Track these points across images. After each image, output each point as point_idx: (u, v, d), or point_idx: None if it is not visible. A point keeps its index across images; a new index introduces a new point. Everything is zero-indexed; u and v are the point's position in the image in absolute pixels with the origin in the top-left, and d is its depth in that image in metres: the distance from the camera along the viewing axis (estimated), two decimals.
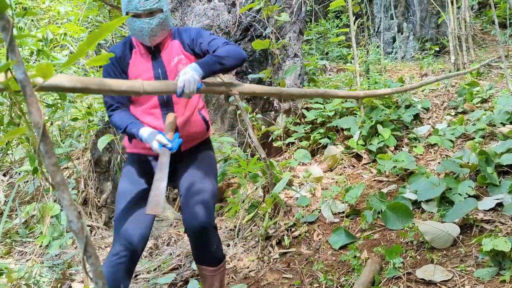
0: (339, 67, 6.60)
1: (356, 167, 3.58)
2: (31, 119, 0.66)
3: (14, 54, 0.65)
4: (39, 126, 0.66)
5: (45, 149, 0.66)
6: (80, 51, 0.81)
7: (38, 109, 0.66)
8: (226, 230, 3.21)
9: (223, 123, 3.76)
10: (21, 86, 0.66)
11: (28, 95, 0.66)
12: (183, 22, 3.85)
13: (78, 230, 0.66)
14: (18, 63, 0.65)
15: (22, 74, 0.66)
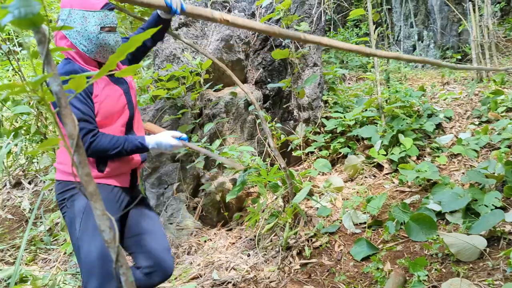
0: (359, 76, 6.57)
1: (377, 177, 3.54)
2: (66, 130, 0.67)
3: (50, 67, 0.67)
4: (73, 137, 0.67)
5: (79, 160, 0.67)
6: (110, 63, 0.82)
7: (73, 120, 0.68)
8: (246, 240, 3.20)
9: (242, 132, 3.76)
10: (57, 98, 0.67)
11: (63, 107, 0.67)
12: (203, 32, 3.89)
13: (110, 240, 0.67)
14: (54, 75, 0.66)
15: (57, 86, 0.67)
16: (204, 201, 3.54)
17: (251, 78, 4.03)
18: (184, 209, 3.50)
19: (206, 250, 3.24)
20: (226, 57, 3.74)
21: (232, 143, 3.67)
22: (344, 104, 4.40)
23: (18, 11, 0.60)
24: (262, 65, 4.04)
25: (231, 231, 3.51)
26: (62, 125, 1.65)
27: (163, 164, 3.56)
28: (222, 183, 3.52)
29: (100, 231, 0.67)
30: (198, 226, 3.49)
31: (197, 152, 2.86)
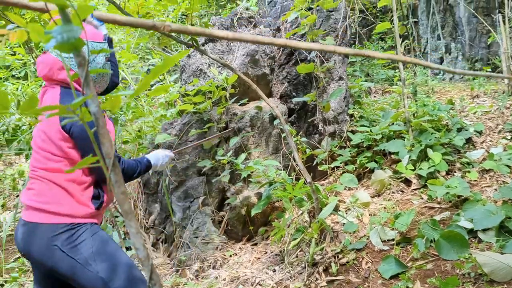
0: (385, 89, 6.50)
1: (405, 193, 3.47)
2: (103, 150, 0.69)
3: (89, 89, 0.69)
4: (110, 156, 0.69)
5: (115, 179, 0.69)
6: (145, 83, 0.84)
7: (110, 140, 0.69)
8: (271, 255, 3.18)
9: (267, 146, 3.77)
10: (95, 119, 0.69)
11: (101, 127, 0.69)
12: (229, 47, 3.94)
13: (144, 258, 0.68)
14: (93, 97, 0.68)
15: (96, 107, 0.69)
16: (230, 215, 3.54)
17: (276, 92, 4.05)
18: (210, 223, 3.51)
19: (231, 264, 3.23)
20: (251, 72, 3.77)
21: (257, 157, 3.67)
22: (370, 118, 4.35)
23: (61, 36, 0.62)
24: (287, 79, 4.05)
25: (257, 245, 3.49)
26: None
27: (189, 177, 3.59)
28: (247, 197, 3.52)
29: (135, 249, 0.68)
30: (224, 240, 3.49)
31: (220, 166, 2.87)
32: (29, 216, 1.69)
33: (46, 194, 1.69)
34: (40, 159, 1.71)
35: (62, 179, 1.70)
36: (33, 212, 1.68)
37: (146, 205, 3.95)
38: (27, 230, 1.68)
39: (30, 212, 1.69)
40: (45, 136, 1.70)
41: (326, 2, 3.69)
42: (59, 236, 1.65)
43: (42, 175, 1.70)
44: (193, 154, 3.59)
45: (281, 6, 4.52)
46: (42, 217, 1.67)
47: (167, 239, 3.75)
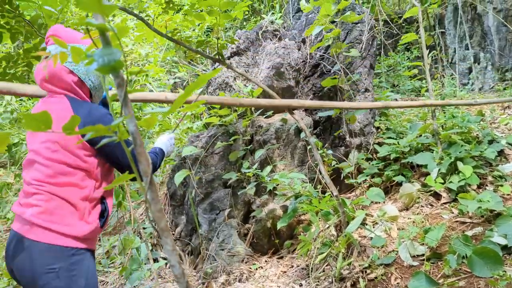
0: (411, 100, 6.40)
1: (435, 207, 3.39)
2: (141, 168, 0.71)
3: (128, 109, 0.71)
4: (147, 174, 0.70)
5: (151, 197, 0.70)
6: (180, 100, 0.86)
7: (147, 159, 0.71)
8: (298, 269, 3.15)
9: (293, 159, 3.76)
10: (133, 138, 0.71)
11: (138, 146, 0.71)
12: (254, 61, 3.98)
13: (179, 275, 0.68)
14: (131, 117, 0.70)
15: (133, 126, 0.71)
16: (255, 227, 3.54)
17: None
18: (235, 235, 3.52)
19: (257, 278, 3.22)
20: (276, 84, 3.79)
21: (282, 169, 3.67)
22: (397, 130, 4.29)
23: (102, 59, 0.65)
24: (313, 91, 4.05)
25: (282, 259, 3.47)
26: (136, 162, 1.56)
27: (215, 190, 3.61)
28: (273, 210, 3.51)
29: (171, 266, 0.69)
30: (249, 253, 3.49)
31: None
32: (30, 232, 1.55)
33: (55, 212, 1.58)
34: (49, 173, 1.60)
35: (74, 196, 1.61)
36: (37, 229, 1.56)
37: (172, 217, 3.99)
38: (26, 246, 1.54)
39: (32, 229, 1.56)
40: (58, 146, 1.61)
41: (350, 16, 3.68)
42: (60, 259, 1.55)
43: (51, 190, 1.59)
44: (219, 167, 3.61)
45: (306, 19, 4.54)
46: (46, 236, 1.55)
47: (193, 251, 3.77)
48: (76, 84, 1.70)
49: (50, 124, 0.70)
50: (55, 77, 1.66)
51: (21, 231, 1.56)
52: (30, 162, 1.66)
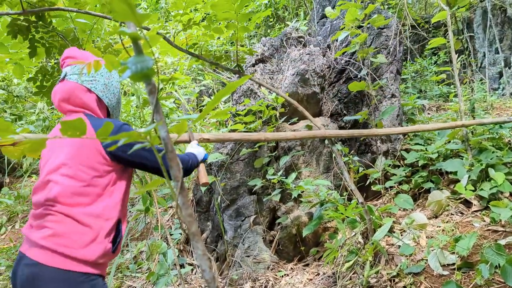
0: (440, 106, 6.28)
1: (465, 215, 3.30)
2: (172, 173, 0.72)
3: (159, 115, 0.73)
4: (178, 179, 0.71)
5: (182, 201, 0.72)
6: (208, 108, 0.88)
7: (178, 164, 0.72)
8: (324, 277, 3.12)
9: (318, 165, 3.74)
10: (164, 143, 0.73)
11: (169, 151, 0.72)
12: (279, 67, 3.99)
13: (210, 280, 0.69)
14: (162, 123, 0.72)
15: (165, 132, 0.73)
16: (281, 234, 3.53)
17: (326, 110, 4.03)
18: (261, 242, 3.51)
19: (283, 285, 3.20)
20: (301, 91, 3.78)
21: (307, 176, 3.65)
22: (425, 136, 4.21)
23: (135, 66, 0.67)
24: (338, 97, 4.02)
25: (308, 266, 3.44)
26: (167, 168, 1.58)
27: (240, 196, 3.63)
28: (298, 217, 3.49)
29: (201, 271, 0.70)
30: (275, 260, 3.48)
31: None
32: (40, 256, 1.46)
33: (66, 235, 1.49)
34: (64, 192, 1.53)
35: (88, 216, 1.54)
36: (46, 252, 1.46)
37: (198, 223, 4.02)
38: (36, 272, 1.45)
39: (42, 252, 1.47)
40: (77, 163, 1.56)
41: (377, 20, 3.65)
42: (70, 285, 1.46)
43: (64, 211, 1.51)
44: (244, 173, 3.63)
45: (330, 25, 4.53)
46: (56, 260, 1.46)
47: (219, 258, 3.78)
48: (95, 102, 1.70)
49: (85, 130, 0.73)
50: (73, 96, 1.65)
51: (30, 253, 1.48)
52: (44, 183, 1.59)
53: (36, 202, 1.57)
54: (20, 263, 1.51)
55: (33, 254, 1.47)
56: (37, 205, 1.57)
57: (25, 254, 1.49)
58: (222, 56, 3.11)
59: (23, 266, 1.48)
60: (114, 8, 0.60)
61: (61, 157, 1.57)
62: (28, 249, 1.50)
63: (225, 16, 2.73)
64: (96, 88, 1.70)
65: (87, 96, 1.67)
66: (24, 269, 1.47)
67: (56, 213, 1.51)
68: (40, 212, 1.53)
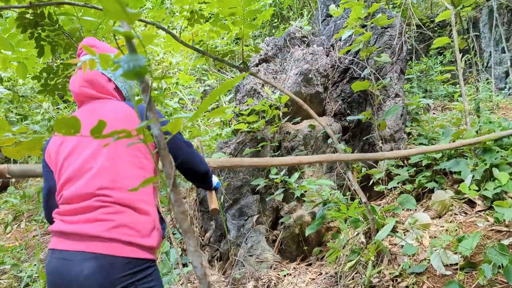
0: (445, 105, 6.25)
1: (469, 215, 3.28)
2: (164, 170, 0.73)
3: (152, 113, 0.73)
4: (170, 177, 0.72)
5: (175, 198, 0.72)
6: (204, 106, 0.88)
7: (170, 162, 0.73)
8: (326, 276, 3.12)
9: (321, 165, 3.73)
10: (157, 141, 0.73)
11: (162, 149, 0.73)
12: (282, 67, 3.99)
13: (201, 276, 0.70)
14: (155, 121, 0.73)
15: (157, 130, 0.73)
16: (283, 234, 3.53)
17: (330, 110, 4.02)
18: (264, 241, 3.52)
19: (285, 284, 3.20)
20: (304, 91, 3.78)
21: (310, 175, 3.65)
22: (429, 136, 4.19)
23: (127, 65, 0.68)
24: (341, 97, 4.02)
25: (311, 266, 3.44)
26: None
27: (244, 196, 3.63)
28: (301, 216, 3.49)
29: (193, 267, 0.70)
30: (278, 259, 3.48)
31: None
32: (106, 248, 1.41)
33: (132, 225, 1.46)
34: (116, 178, 1.49)
35: (145, 202, 1.52)
36: (114, 243, 1.42)
37: (202, 223, 4.04)
38: (106, 263, 1.39)
39: (108, 244, 1.42)
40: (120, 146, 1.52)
41: (381, 19, 3.64)
42: (138, 273, 1.45)
43: (119, 200, 1.47)
44: (247, 173, 3.63)
45: (334, 24, 4.53)
46: (128, 250, 1.43)
47: (222, 257, 3.79)
48: (115, 91, 1.70)
49: (79, 128, 0.74)
50: (96, 83, 1.64)
51: (90, 248, 1.40)
52: (82, 172, 1.50)
53: (76, 192, 1.48)
54: (72, 260, 1.41)
55: (94, 248, 1.40)
56: (76, 196, 1.47)
57: (77, 250, 1.41)
58: (227, 53, 3.11)
59: (81, 262, 1.40)
60: (105, 7, 0.60)
61: (99, 140, 1.48)
62: (79, 244, 1.41)
63: (231, 12, 2.74)
64: (116, 78, 1.70)
65: (109, 85, 1.67)
66: (85, 263, 1.39)
67: (111, 204, 1.45)
68: (88, 204, 1.45)
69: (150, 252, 1.49)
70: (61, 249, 1.44)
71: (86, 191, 1.46)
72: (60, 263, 1.42)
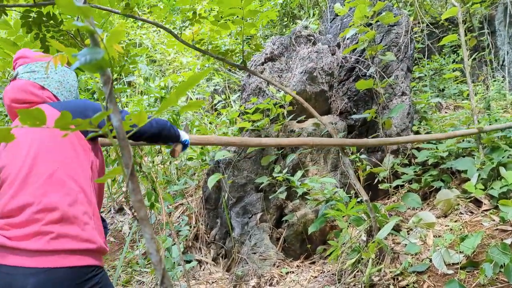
0: (457, 104, 6.15)
1: (475, 214, 3.23)
2: (123, 160, 0.75)
3: (112, 104, 0.76)
4: (128, 167, 0.75)
5: (132, 187, 0.75)
6: (170, 100, 0.90)
7: (129, 152, 0.76)
8: (328, 274, 3.12)
9: (326, 163, 3.73)
10: (116, 132, 0.76)
11: (121, 139, 0.76)
12: (288, 66, 4.00)
13: (156, 262, 0.72)
14: (114, 112, 0.75)
15: (117, 122, 0.76)
16: (287, 232, 3.54)
17: (335, 108, 4.01)
18: (267, 239, 3.53)
19: (288, 282, 3.21)
20: (309, 89, 3.78)
21: (315, 174, 3.65)
22: None
23: (84, 58, 0.70)
24: (347, 95, 4.00)
25: (314, 264, 3.45)
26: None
27: (247, 193, 3.65)
28: (305, 215, 3.50)
29: (148, 253, 0.73)
30: (281, 257, 3.49)
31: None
32: (43, 261, 1.34)
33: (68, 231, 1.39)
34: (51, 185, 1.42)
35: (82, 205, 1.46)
36: (50, 256, 1.35)
37: (207, 220, 4.08)
38: (45, 279, 1.32)
39: (45, 258, 1.35)
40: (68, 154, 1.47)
41: (386, 17, 3.62)
42: (84, 283, 1.39)
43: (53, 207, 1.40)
44: (251, 171, 3.65)
45: (341, 23, 4.51)
46: (66, 260, 1.36)
47: (227, 254, 3.82)
48: (50, 99, 1.62)
49: (45, 119, 0.77)
50: (27, 93, 1.56)
51: (27, 262, 1.34)
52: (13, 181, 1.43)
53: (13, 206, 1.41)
54: (15, 275, 1.35)
55: (36, 262, 1.35)
56: (12, 209, 1.41)
57: (19, 265, 1.35)
58: (227, 52, 3.14)
59: (25, 277, 1.34)
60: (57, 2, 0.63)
61: (35, 144, 1.45)
62: (21, 259, 1.35)
63: (231, 12, 2.76)
64: (50, 85, 1.63)
65: (41, 93, 1.59)
66: (29, 279, 1.34)
67: (50, 213, 1.40)
68: (27, 219, 1.38)
69: (94, 258, 1.44)
70: (3, 264, 1.36)
71: (22, 201, 1.40)
72: (3, 277, 1.35)
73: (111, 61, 0.85)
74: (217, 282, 3.54)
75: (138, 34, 7.04)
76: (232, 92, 5.64)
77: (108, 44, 0.85)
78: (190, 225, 4.04)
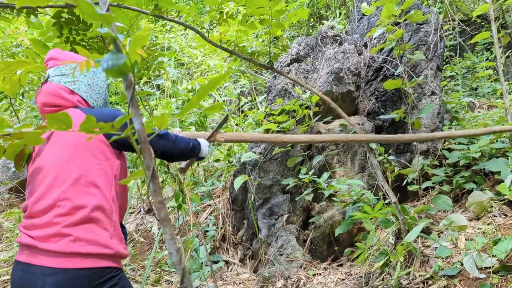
0: (491, 103, 5.96)
1: (509, 216, 3.12)
2: (144, 162, 0.78)
3: (134, 108, 0.78)
4: (150, 168, 0.77)
5: (153, 188, 0.77)
6: (192, 102, 0.92)
7: (150, 154, 0.78)
8: (356, 277, 3.08)
9: (353, 165, 3.69)
10: (138, 135, 0.78)
11: (142, 142, 0.78)
12: (314, 66, 3.98)
13: (176, 262, 0.74)
14: (136, 115, 0.78)
15: (139, 124, 0.78)
16: (314, 234, 3.52)
17: (362, 109, 3.96)
18: (294, 241, 3.52)
19: (315, 284, 3.19)
20: (335, 90, 3.75)
21: (342, 175, 3.61)
22: None
23: (107, 63, 0.73)
24: (375, 96, 3.95)
25: (342, 266, 3.41)
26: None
27: (274, 195, 3.66)
28: (332, 216, 3.47)
29: (169, 253, 0.75)
30: (308, 259, 3.47)
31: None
32: (62, 262, 1.39)
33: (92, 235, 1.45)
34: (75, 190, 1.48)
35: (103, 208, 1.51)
36: (69, 258, 1.40)
37: (235, 221, 4.10)
38: (63, 280, 1.37)
39: (64, 259, 1.40)
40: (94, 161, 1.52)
41: (415, 15, 3.55)
42: (103, 284, 1.43)
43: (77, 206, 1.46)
44: (277, 172, 3.65)
45: (368, 22, 4.45)
46: (84, 261, 1.41)
47: (254, 256, 3.83)
48: (79, 103, 1.66)
49: (71, 123, 0.80)
50: (57, 98, 1.60)
51: (46, 262, 1.40)
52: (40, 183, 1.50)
53: (38, 207, 1.49)
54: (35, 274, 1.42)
55: (56, 262, 1.41)
56: (41, 211, 1.48)
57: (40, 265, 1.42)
58: (254, 53, 3.15)
59: (44, 276, 1.41)
60: (81, 9, 0.66)
61: (74, 155, 1.51)
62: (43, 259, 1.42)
63: (259, 12, 2.77)
64: (79, 89, 1.67)
65: (71, 97, 1.63)
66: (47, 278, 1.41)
67: (71, 215, 1.46)
68: (49, 221, 1.45)
69: (112, 261, 1.48)
70: (25, 262, 1.44)
71: (46, 203, 1.46)
72: (24, 275, 1.42)
73: (134, 66, 0.87)
74: (244, 283, 3.56)
75: (166, 38, 7.17)
76: (258, 94, 5.66)
77: (131, 49, 0.88)
78: (217, 226, 4.08)
